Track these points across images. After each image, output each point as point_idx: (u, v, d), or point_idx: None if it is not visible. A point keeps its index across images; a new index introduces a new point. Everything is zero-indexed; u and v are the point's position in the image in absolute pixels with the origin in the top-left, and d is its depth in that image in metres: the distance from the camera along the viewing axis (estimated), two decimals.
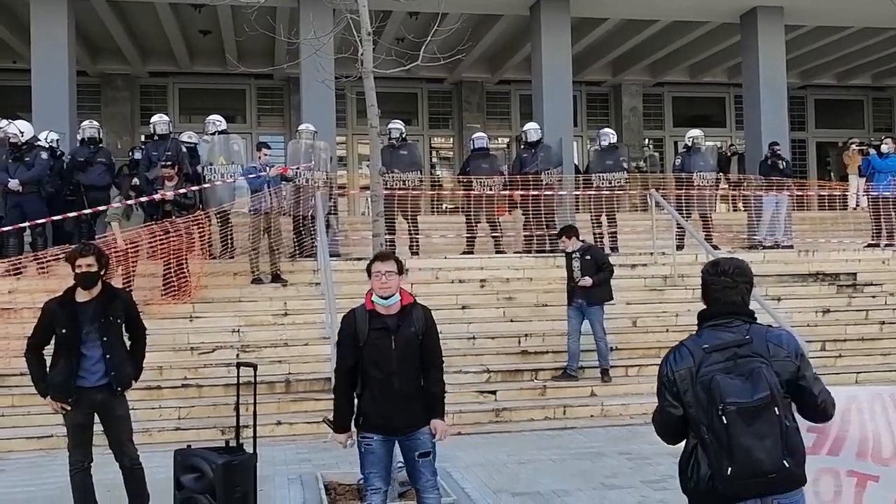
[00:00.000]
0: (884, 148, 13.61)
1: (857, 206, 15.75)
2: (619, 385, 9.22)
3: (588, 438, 7.87)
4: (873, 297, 11.42)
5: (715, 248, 11.85)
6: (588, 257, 9.05)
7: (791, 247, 12.96)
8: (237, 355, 9.11)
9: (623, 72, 19.85)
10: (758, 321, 3.15)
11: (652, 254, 11.90)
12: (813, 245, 12.95)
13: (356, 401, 4.39)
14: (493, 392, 8.91)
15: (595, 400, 8.91)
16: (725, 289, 3.12)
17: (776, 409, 2.92)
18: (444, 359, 4.57)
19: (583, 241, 9.41)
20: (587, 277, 8.90)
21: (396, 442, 4.41)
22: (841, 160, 19.06)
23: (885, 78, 21.34)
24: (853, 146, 17.14)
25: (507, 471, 6.75)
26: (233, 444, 5.27)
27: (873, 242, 13.16)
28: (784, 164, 13.55)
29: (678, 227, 11.96)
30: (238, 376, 5.61)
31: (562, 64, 14.79)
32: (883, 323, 10.73)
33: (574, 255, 9.14)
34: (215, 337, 9.53)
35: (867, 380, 9.21)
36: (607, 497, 5.97)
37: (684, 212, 12.26)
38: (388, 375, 4.27)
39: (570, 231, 9.30)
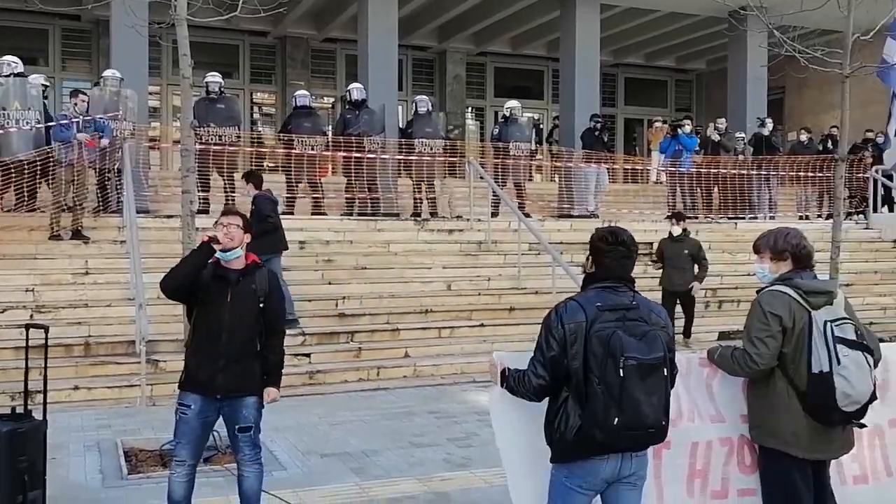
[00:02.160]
0: (687, 129, 14.71)
1: (658, 180, 16.92)
2: (433, 346, 9.47)
3: (400, 399, 8.04)
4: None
5: (527, 216, 12.34)
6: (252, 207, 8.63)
7: (597, 216, 13.72)
8: (31, 316, 8.49)
9: (448, 39, 20.06)
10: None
11: (468, 220, 12.22)
12: (616, 216, 13.78)
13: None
14: (308, 355, 8.87)
15: (408, 361, 9.10)
16: (622, 258, 3.29)
17: (664, 370, 3.15)
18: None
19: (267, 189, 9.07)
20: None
21: (220, 415, 4.29)
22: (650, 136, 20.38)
23: (687, 61, 22.92)
24: (656, 124, 18.32)
25: (317, 433, 6.77)
26: (20, 410, 4.92)
27: (670, 215, 14.21)
28: (608, 136, 14.29)
29: (494, 195, 12.34)
30: (27, 338, 5.22)
31: (388, 26, 14.74)
32: None
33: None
34: (7, 297, 8.83)
35: None
36: (414, 455, 6.15)
37: (500, 180, 12.64)
38: (219, 329, 4.18)
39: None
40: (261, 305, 4.27)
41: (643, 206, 14.79)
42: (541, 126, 20.77)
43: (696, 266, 10.11)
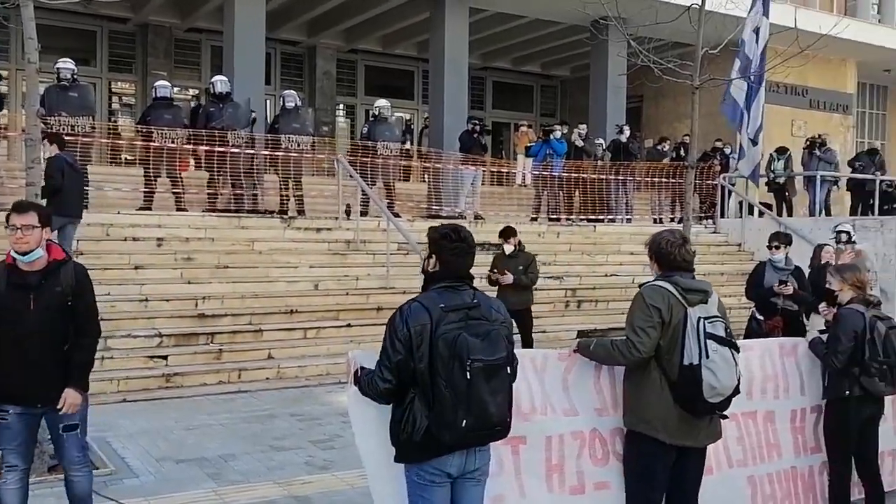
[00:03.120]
0: (558, 134, 15.15)
1: (524, 183, 17.33)
2: (298, 347, 9.31)
3: (261, 401, 7.86)
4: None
5: (397, 215, 12.36)
6: None
7: (464, 217, 13.91)
8: None
9: (319, 34, 19.81)
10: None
11: (337, 218, 12.10)
12: (485, 217, 14.01)
13: None
14: (165, 357, 8.52)
15: (272, 363, 8.91)
16: (465, 254, 3.32)
17: (507, 368, 3.21)
18: (100, 324, 4.25)
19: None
20: None
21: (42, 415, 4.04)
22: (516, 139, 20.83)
23: (552, 67, 23.61)
24: (522, 128, 18.75)
25: (173, 437, 6.51)
26: None
27: (534, 216, 14.62)
28: (485, 139, 14.48)
29: (363, 194, 12.27)
30: None
31: (255, 18, 14.41)
32: (535, 290, 11.90)
33: None
34: None
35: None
36: (274, 459, 6.02)
37: (370, 179, 12.59)
38: (24, 338, 3.85)
39: None
40: (69, 305, 3.94)
41: (509, 209, 15.12)
42: (412, 126, 20.86)
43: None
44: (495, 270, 8.81)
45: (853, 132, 22.41)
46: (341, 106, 21.63)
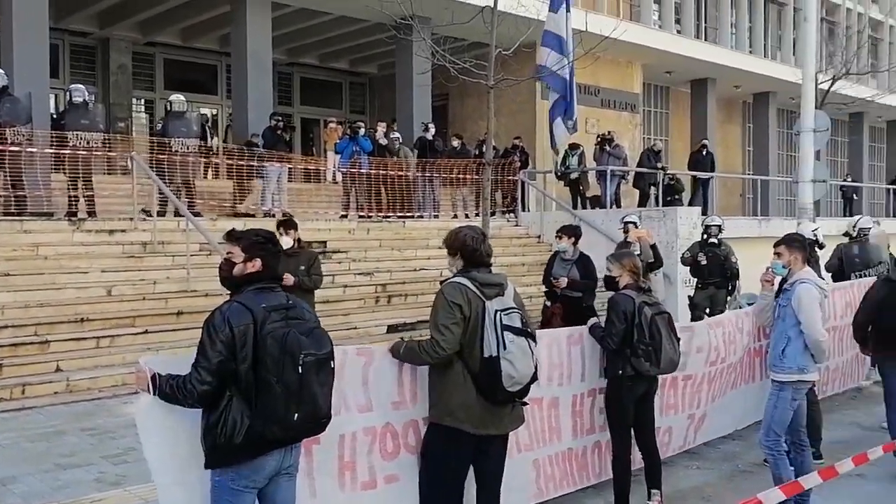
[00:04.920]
0: (362, 131, 15.15)
1: (335, 180, 17.24)
2: (89, 358, 8.74)
3: (48, 418, 7.31)
4: (339, 262, 12.63)
5: (197, 215, 11.91)
6: None
7: (273, 216, 13.64)
8: None
9: (111, 26, 18.70)
10: None
11: (132, 219, 11.49)
12: (295, 214, 13.77)
13: None
14: None
15: (60, 375, 8.30)
16: (277, 255, 3.46)
17: (332, 362, 3.27)
18: None
19: None
20: None
21: None
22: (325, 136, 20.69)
23: (360, 64, 23.66)
24: (331, 124, 18.68)
25: None
26: None
27: (344, 213, 14.60)
28: (289, 135, 14.19)
29: (160, 193, 11.72)
30: None
31: (37, 6, 13.38)
32: (346, 286, 11.94)
33: None
34: None
35: (336, 338, 10.19)
36: (61, 478, 5.63)
37: (167, 178, 12.04)
38: None
39: None
40: None
41: (318, 205, 15.01)
42: (217, 121, 20.20)
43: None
44: None
45: (640, 129, 24.15)
46: (139, 101, 20.56)
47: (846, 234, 9.90)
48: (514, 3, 11.66)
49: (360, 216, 14.58)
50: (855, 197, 26.04)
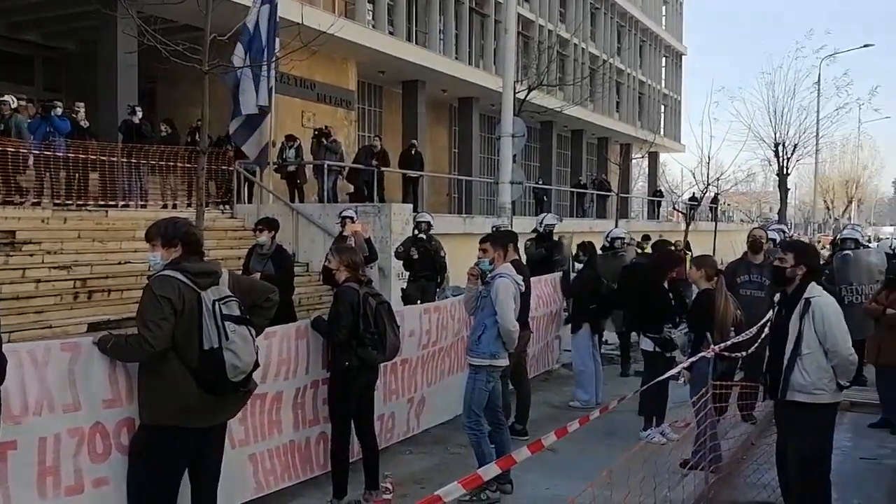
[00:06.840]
0: (59, 111, 13.83)
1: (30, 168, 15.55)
2: None
3: None
4: (31, 255, 11.47)
5: None
6: None
7: None
8: None
9: None
10: None
11: None
12: None
13: None
14: None
15: None
16: None
17: None
18: None
19: None
20: None
21: None
22: None
23: (56, 38, 21.55)
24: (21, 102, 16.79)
25: None
26: None
27: (36, 201, 13.26)
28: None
29: None
30: None
31: None
32: (39, 281, 10.88)
33: None
34: None
35: (22, 338, 9.20)
36: None
37: None
38: None
39: None
40: None
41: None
42: None
43: None
44: None
45: (356, 126, 24.64)
46: None
47: (535, 230, 10.94)
48: None
49: (56, 204, 13.33)
50: (545, 199, 28.76)
